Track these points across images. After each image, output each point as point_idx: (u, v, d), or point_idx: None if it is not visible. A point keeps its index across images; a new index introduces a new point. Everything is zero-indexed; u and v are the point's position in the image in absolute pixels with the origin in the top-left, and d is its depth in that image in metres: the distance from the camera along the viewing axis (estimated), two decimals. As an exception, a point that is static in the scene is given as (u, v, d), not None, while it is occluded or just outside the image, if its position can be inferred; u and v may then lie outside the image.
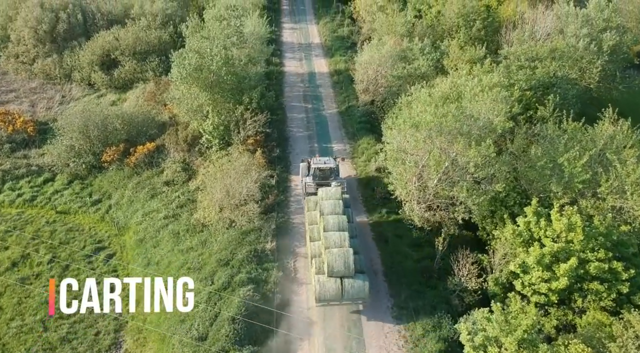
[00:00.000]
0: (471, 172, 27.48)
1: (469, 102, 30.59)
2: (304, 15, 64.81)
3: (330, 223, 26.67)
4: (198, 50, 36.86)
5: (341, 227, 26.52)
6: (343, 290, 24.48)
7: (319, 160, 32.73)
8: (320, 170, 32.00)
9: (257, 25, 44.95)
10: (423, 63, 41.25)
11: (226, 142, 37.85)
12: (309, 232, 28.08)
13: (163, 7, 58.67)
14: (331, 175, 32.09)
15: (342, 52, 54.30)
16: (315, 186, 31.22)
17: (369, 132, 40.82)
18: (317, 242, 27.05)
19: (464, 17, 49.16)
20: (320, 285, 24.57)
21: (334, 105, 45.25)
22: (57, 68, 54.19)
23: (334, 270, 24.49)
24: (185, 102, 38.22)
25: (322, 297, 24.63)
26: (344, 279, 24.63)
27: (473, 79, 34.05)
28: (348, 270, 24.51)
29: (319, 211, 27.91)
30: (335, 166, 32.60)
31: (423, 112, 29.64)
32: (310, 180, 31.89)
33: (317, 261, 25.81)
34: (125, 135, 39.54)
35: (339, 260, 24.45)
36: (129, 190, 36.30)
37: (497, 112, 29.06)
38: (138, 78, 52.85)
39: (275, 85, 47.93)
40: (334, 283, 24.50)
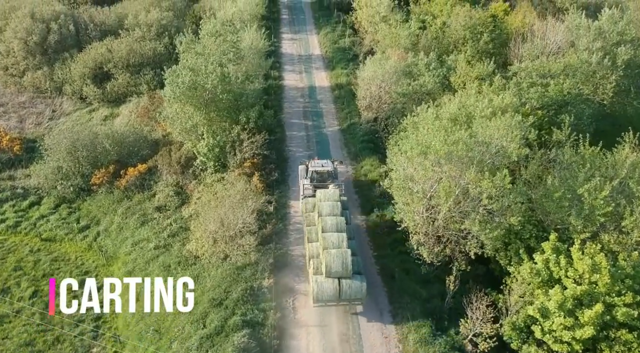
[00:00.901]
0: (484, 204, 25.47)
1: (481, 126, 28.56)
2: (304, 25, 62.86)
3: (328, 224, 26.86)
4: (192, 67, 34.89)
5: (339, 228, 26.77)
6: (341, 291, 24.66)
7: (317, 163, 32.76)
8: (318, 173, 32.15)
9: (255, 38, 42.95)
10: (429, 79, 39.26)
11: (222, 164, 35.83)
12: (307, 233, 28.21)
13: (158, 17, 56.75)
14: (329, 178, 32.14)
15: (344, 64, 52.32)
16: (313, 188, 31.16)
17: (372, 152, 38.81)
18: (315, 243, 27.12)
19: (471, 29, 47.19)
20: (318, 285, 24.71)
21: (336, 123, 43.26)
22: (47, 81, 52.26)
23: (332, 271, 24.70)
24: (179, 121, 36.25)
25: (320, 297, 24.75)
26: (342, 280, 24.78)
27: (483, 99, 32.09)
28: (346, 270, 24.71)
29: (317, 212, 28.03)
30: (333, 169, 32.82)
31: (431, 137, 27.61)
32: (308, 183, 31.84)
33: (315, 262, 25.87)
34: (115, 156, 37.52)
35: (337, 261, 24.66)
36: (119, 216, 34.26)
37: (511, 138, 27.05)
38: (132, 91, 50.87)
39: (274, 100, 45.93)
40: (332, 284, 24.69)
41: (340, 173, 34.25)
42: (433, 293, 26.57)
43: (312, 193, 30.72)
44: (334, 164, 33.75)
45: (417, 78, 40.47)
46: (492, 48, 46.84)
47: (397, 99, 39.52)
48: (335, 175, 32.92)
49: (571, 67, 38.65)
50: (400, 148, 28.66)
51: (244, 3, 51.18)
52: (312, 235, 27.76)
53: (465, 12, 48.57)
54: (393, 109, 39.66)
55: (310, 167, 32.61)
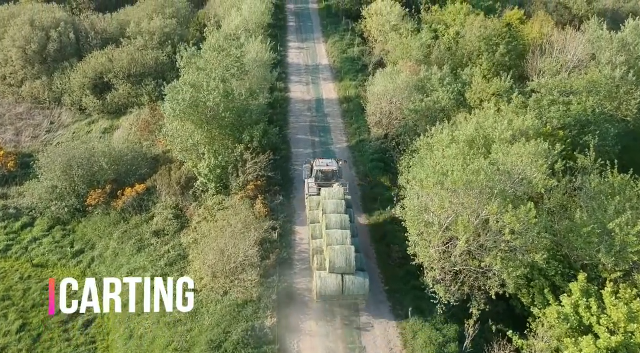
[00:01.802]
0: (506, 240, 23.40)
1: (502, 153, 26.46)
2: (311, 33, 60.83)
3: (332, 221, 27.27)
4: (193, 83, 33.01)
5: (343, 226, 27.16)
6: (344, 287, 25.02)
7: (321, 163, 33.14)
8: (323, 172, 32.42)
9: (260, 51, 41.01)
10: (443, 96, 37.18)
11: (224, 185, 33.93)
12: (311, 230, 28.73)
13: (161, 25, 55.03)
14: (333, 178, 32.45)
15: (353, 75, 50.27)
16: (317, 188, 31.72)
17: (382, 171, 36.76)
18: (319, 239, 27.70)
19: (486, 41, 45.06)
20: (321, 281, 25.10)
21: (344, 139, 41.25)
22: (46, 91, 50.66)
23: (336, 267, 25.05)
24: (179, 139, 34.37)
25: (323, 292, 25.13)
26: (345, 276, 25.15)
27: (502, 121, 29.98)
28: (349, 267, 25.07)
29: (322, 210, 28.62)
30: (337, 168, 33.07)
31: (448, 165, 25.56)
32: (312, 182, 32.30)
33: (319, 258, 26.38)
34: (112, 175, 35.68)
35: (341, 257, 25.00)
36: (115, 240, 32.43)
37: (537, 168, 24.95)
38: (133, 103, 49.16)
39: (280, 114, 43.96)
40: (335, 280, 25.05)
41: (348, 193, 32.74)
42: (450, 337, 24.48)
43: (317, 192, 31.21)
44: (339, 163, 34.13)
45: (431, 94, 38.42)
46: (508, 60, 44.72)
47: (409, 115, 37.48)
48: (340, 174, 33.23)
49: (596, 83, 36.41)
50: (414, 175, 26.56)
51: (249, 12, 49.29)
52: (316, 232, 28.37)
53: (480, 22, 46.37)
54: (405, 126, 37.62)
55: (315, 166, 32.89)
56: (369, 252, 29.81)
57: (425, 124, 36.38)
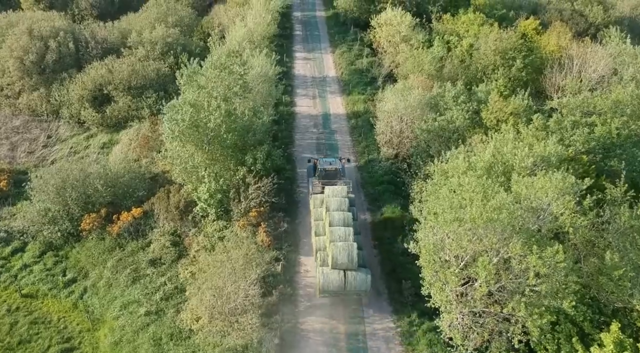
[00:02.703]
0: (531, 284, 21.34)
1: (525, 186, 24.38)
2: (318, 42, 58.86)
3: (335, 218, 27.63)
4: (193, 103, 31.16)
5: (346, 223, 27.53)
6: (346, 282, 25.46)
7: (325, 161, 33.83)
8: (326, 171, 32.87)
9: (264, 65, 39.07)
10: (457, 115, 35.09)
11: (224, 210, 32.03)
12: (314, 227, 29.22)
13: (163, 34, 53.21)
14: (336, 176, 32.87)
15: (361, 88, 48.30)
16: (321, 186, 31.93)
17: (393, 195, 34.74)
18: (322, 236, 27.99)
19: (502, 54, 42.96)
20: (324, 276, 25.52)
21: (352, 158, 39.19)
22: (44, 103, 49.03)
23: (338, 263, 25.51)
24: (179, 160, 32.52)
25: (326, 288, 25.57)
26: (347, 271, 25.61)
27: (522, 147, 27.87)
28: (352, 263, 25.51)
29: (325, 208, 28.96)
30: (340, 167, 33.58)
31: (466, 199, 23.51)
32: (316, 181, 32.77)
33: (322, 254, 26.77)
34: (108, 197, 33.86)
35: (343, 253, 25.44)
36: (109, 269, 30.60)
37: (563, 204, 22.86)
38: (133, 116, 47.39)
39: (285, 131, 42.04)
40: (338, 275, 25.50)
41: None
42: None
43: (321, 190, 31.54)
44: (342, 161, 34.62)
45: (444, 112, 36.33)
46: (525, 75, 42.60)
47: (421, 135, 35.43)
48: (343, 173, 33.72)
49: (619, 103, 34.21)
50: (429, 209, 24.51)
51: (254, 23, 47.38)
52: (319, 229, 28.88)
53: (496, 35, 44.24)
54: (417, 146, 35.57)
55: (318, 165, 33.44)
56: (379, 287, 27.79)
57: (439, 145, 34.43)
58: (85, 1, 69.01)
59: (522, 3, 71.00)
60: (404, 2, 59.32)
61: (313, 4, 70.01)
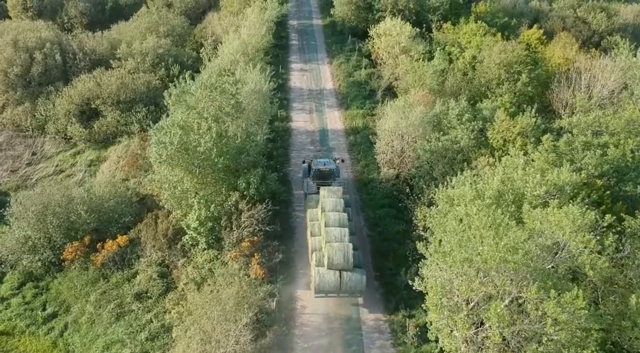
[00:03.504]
0: (548, 333, 19.49)
1: (539, 221, 22.55)
2: (315, 52, 56.93)
3: (331, 219, 27.83)
4: (183, 124, 29.26)
5: (342, 224, 27.74)
6: (342, 282, 25.71)
7: (319, 162, 33.96)
8: (321, 171, 33.05)
9: (259, 80, 37.14)
10: (462, 134, 33.26)
11: (215, 238, 30.10)
12: (310, 227, 29.33)
13: (154, 45, 51.25)
14: (331, 176, 33.13)
15: (360, 102, 46.45)
16: (316, 186, 32.16)
17: (394, 220, 32.85)
18: (318, 236, 28.31)
19: (507, 68, 41.16)
20: (319, 276, 25.77)
21: (351, 178, 37.29)
22: (29, 118, 47.01)
23: (334, 263, 25.70)
24: (167, 185, 30.61)
25: (321, 288, 25.86)
26: (343, 272, 25.83)
27: (534, 174, 26.05)
28: (347, 263, 25.72)
29: (321, 208, 29.30)
30: (335, 168, 33.72)
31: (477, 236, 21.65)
32: (311, 181, 33.00)
33: (318, 254, 26.97)
34: (92, 224, 31.87)
35: (339, 254, 25.66)
36: (91, 303, 28.66)
37: (582, 242, 21.02)
38: (122, 131, 45.54)
39: (280, 148, 40.13)
40: (333, 275, 25.72)
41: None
42: None
43: (316, 190, 31.69)
44: (336, 162, 34.87)
45: (447, 131, 34.52)
46: (531, 90, 40.81)
47: (423, 155, 33.59)
48: (338, 173, 33.94)
49: (633, 122, 32.46)
50: (435, 247, 22.62)
51: (248, 35, 45.44)
52: (314, 229, 28.93)
53: (500, 48, 42.44)
54: (419, 167, 33.72)
55: (313, 166, 33.53)
56: (381, 327, 25.86)
57: (442, 166, 32.62)
58: (74, 9, 67.07)
59: (523, 10, 69.36)
60: (403, 11, 57.56)
61: (310, 12, 68.14)
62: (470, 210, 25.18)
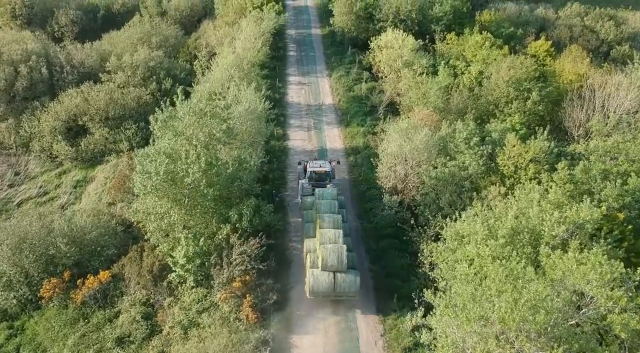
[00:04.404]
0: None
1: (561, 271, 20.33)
2: (314, 64, 54.64)
3: (325, 221, 28.08)
4: (169, 153, 27.02)
5: (336, 225, 27.94)
6: (335, 284, 25.78)
7: (314, 164, 34.34)
8: (316, 173, 33.40)
9: (253, 100, 34.88)
10: (470, 160, 31.05)
11: (205, 275, 27.83)
12: (305, 229, 29.58)
13: (146, 58, 48.99)
14: (326, 178, 33.37)
15: (360, 119, 44.19)
16: (311, 188, 32.45)
17: (398, 253, 30.57)
18: (312, 238, 28.49)
19: (516, 85, 38.94)
20: (314, 278, 25.88)
21: (351, 204, 35.03)
22: (12, 135, 44.82)
23: (328, 265, 25.77)
24: (152, 217, 28.38)
25: (315, 289, 25.92)
26: (337, 274, 25.90)
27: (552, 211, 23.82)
28: (341, 265, 25.78)
29: (315, 209, 29.62)
30: (330, 169, 34.07)
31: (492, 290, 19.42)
32: (306, 182, 33.11)
33: (312, 256, 27.05)
34: (73, 258, 29.54)
35: (333, 255, 25.73)
36: (69, 348, 26.38)
37: (612, 299, 18.79)
38: (110, 150, 43.51)
39: (276, 170, 37.86)
40: (327, 277, 25.82)
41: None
42: None
43: (311, 192, 32.01)
44: (332, 164, 35.13)
45: (455, 156, 32.31)
46: (542, 109, 38.61)
47: (429, 182, 31.36)
48: (333, 175, 34.26)
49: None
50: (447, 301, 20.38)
51: (243, 49, 43.14)
52: (309, 231, 29.13)
53: (508, 63, 40.19)
54: (425, 195, 31.46)
55: (308, 168, 33.82)
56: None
57: (449, 195, 30.40)
58: (65, 17, 64.86)
59: (529, 18, 67.25)
60: (405, 21, 55.40)
61: (308, 21, 65.85)
62: (483, 250, 23.18)
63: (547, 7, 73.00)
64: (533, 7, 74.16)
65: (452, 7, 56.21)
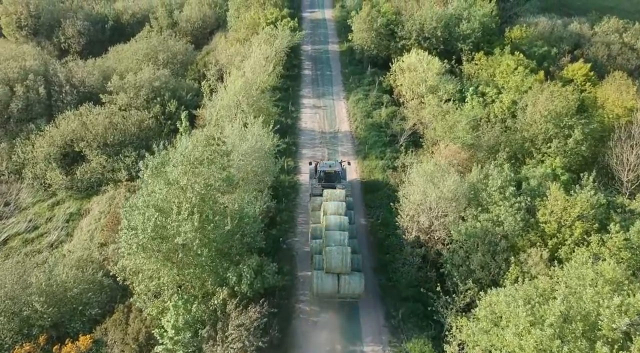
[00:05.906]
0: None
1: None
2: (330, 85, 50.84)
3: (332, 222, 27.90)
4: (160, 206, 23.45)
5: (342, 227, 27.69)
6: (340, 286, 25.81)
7: (325, 164, 34.24)
8: (326, 173, 33.11)
9: (260, 136, 31.18)
10: (505, 215, 26.94)
11: (198, 349, 24.14)
12: (312, 230, 29.34)
13: (150, 77, 45.71)
14: (336, 179, 33.06)
15: (379, 150, 40.30)
16: (321, 188, 32.01)
17: (420, 320, 26.69)
18: (319, 239, 28.37)
19: (555, 121, 34.65)
20: (318, 279, 25.94)
21: (367, 255, 31.11)
22: (4, 161, 41.89)
23: (332, 267, 25.86)
24: (141, 276, 24.87)
25: (320, 291, 26.00)
26: (341, 276, 25.92)
27: (610, 296, 19.74)
28: (345, 267, 25.85)
29: (322, 211, 29.33)
30: (340, 170, 33.82)
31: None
32: (316, 183, 32.87)
33: (317, 257, 27.19)
34: (51, 319, 26.10)
35: (337, 257, 25.75)
36: None
37: None
38: (107, 179, 40.39)
39: (285, 211, 34.08)
40: (332, 279, 25.90)
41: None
42: None
43: (320, 192, 31.49)
44: (342, 164, 34.78)
45: (487, 207, 28.22)
46: (585, 149, 34.25)
47: (457, 237, 27.37)
48: (344, 176, 33.96)
49: None
50: None
51: (252, 72, 39.48)
52: (316, 232, 29.05)
53: (547, 95, 35.86)
54: (452, 252, 27.45)
55: (319, 168, 33.70)
56: None
57: (482, 255, 26.34)
58: (72, 28, 62.24)
59: (562, 34, 62.66)
60: (430, 39, 51.39)
61: (325, 36, 62.10)
62: (526, 342, 19.28)
63: (582, 22, 68.25)
64: (566, 22, 69.50)
65: (481, 23, 52.03)
